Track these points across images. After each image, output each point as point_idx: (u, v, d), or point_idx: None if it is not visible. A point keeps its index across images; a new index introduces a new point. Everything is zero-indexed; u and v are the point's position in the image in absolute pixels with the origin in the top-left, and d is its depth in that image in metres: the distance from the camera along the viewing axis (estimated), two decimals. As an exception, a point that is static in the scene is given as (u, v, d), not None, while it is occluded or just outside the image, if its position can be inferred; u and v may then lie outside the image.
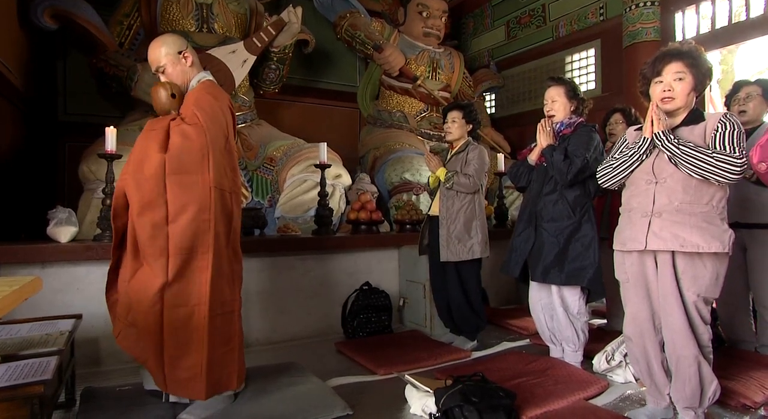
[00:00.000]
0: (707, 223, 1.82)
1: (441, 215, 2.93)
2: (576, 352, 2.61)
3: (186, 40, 2.14)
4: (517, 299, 4.30)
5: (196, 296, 1.87)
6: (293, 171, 4.02)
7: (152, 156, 1.85)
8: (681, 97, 1.87)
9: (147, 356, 1.90)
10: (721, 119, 1.85)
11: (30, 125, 3.87)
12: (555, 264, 2.49)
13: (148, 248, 1.84)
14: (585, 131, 2.52)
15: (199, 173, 1.89)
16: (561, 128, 2.58)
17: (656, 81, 1.93)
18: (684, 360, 1.86)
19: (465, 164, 2.95)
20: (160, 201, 1.84)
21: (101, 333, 2.69)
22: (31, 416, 1.43)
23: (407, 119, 5.37)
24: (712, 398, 1.91)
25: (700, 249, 1.80)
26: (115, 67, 4.02)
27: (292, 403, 2.10)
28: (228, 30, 4.47)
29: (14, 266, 2.53)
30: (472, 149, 2.99)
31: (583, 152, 2.42)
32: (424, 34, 5.51)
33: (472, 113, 3.04)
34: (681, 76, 1.87)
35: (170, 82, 2.06)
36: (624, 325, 2.10)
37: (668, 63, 1.89)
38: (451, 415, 1.90)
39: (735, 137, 1.81)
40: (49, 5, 3.79)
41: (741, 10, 3.82)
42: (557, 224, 2.50)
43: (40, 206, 3.20)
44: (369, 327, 3.32)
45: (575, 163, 2.41)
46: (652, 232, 1.87)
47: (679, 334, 1.86)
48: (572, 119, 2.58)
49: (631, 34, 4.24)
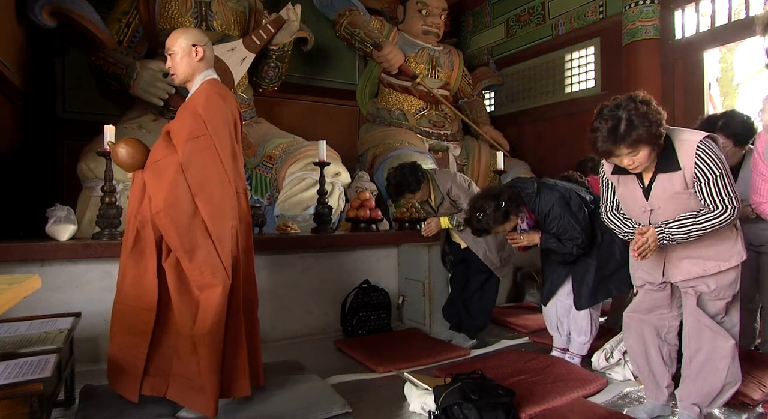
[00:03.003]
0: (720, 240, 1.81)
1: (472, 247, 2.96)
2: (584, 345, 2.63)
3: (207, 39, 2.10)
4: (516, 298, 4.31)
5: (235, 297, 1.93)
6: (292, 169, 4.02)
7: (180, 197, 1.84)
8: (645, 162, 1.74)
9: (203, 368, 1.85)
10: (697, 165, 1.70)
11: (28, 123, 3.86)
12: (600, 282, 2.51)
13: (207, 275, 1.86)
14: (546, 211, 2.41)
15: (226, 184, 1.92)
16: (527, 228, 2.50)
17: (614, 158, 1.77)
18: (720, 350, 1.84)
19: (454, 204, 2.99)
20: (203, 242, 1.85)
21: (100, 331, 2.68)
22: (30, 414, 1.43)
23: (406, 117, 5.37)
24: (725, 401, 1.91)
25: (722, 268, 1.81)
26: (114, 65, 4.01)
27: (292, 401, 2.10)
28: (227, 28, 4.46)
29: (13, 264, 2.52)
30: (443, 187, 2.99)
31: (569, 229, 2.38)
32: (423, 32, 5.50)
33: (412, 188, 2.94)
34: (633, 155, 1.71)
35: (131, 139, 2.04)
36: (624, 313, 2.12)
37: (615, 148, 1.71)
38: (450, 413, 1.90)
39: (719, 185, 1.69)
40: (48, 2, 3.77)
41: (740, 8, 3.81)
42: (586, 255, 2.51)
43: (38, 204, 3.20)
44: (368, 325, 3.32)
45: (575, 243, 2.38)
46: (672, 264, 1.88)
47: (712, 330, 1.85)
48: (523, 219, 2.47)
49: (630, 32, 4.23)
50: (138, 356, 1.88)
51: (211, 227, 1.86)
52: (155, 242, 1.88)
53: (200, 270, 1.85)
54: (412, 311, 3.55)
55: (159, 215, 1.83)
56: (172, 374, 1.91)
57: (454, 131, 5.53)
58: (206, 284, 1.85)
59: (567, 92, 5.15)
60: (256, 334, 2.10)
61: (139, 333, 1.88)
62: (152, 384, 1.91)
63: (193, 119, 1.92)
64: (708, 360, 1.87)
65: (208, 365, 1.83)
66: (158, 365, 1.91)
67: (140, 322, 1.88)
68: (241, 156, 2.11)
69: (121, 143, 2.00)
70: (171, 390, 1.91)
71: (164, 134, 1.96)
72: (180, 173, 1.85)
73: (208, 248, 1.85)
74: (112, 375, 1.93)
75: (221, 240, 1.88)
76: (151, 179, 1.90)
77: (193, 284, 1.87)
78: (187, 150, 1.87)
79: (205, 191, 1.87)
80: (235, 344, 1.94)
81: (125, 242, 1.94)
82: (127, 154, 1.98)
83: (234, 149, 2.01)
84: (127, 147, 1.98)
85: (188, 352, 1.86)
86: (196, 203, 1.86)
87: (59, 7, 3.84)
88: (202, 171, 1.88)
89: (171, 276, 1.87)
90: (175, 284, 1.87)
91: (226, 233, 1.90)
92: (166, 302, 1.89)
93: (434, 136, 5.36)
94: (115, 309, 1.94)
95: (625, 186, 1.91)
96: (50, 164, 4.34)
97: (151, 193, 1.87)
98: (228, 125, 1.98)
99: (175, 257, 1.87)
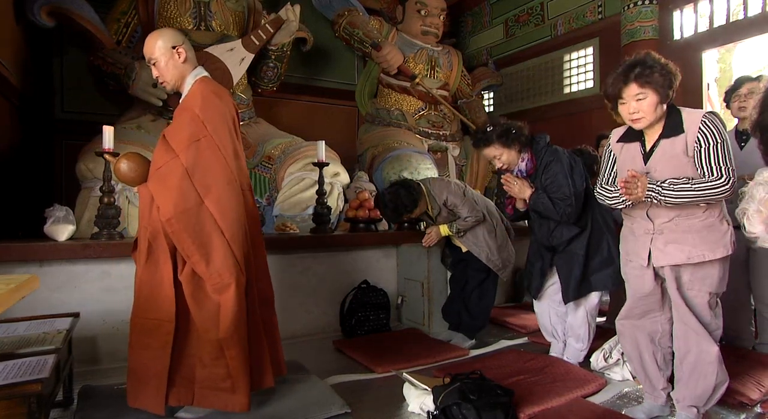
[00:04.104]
0: (708, 230, 1.82)
1: (474, 252, 2.97)
2: (581, 352, 2.63)
3: (184, 37, 2.09)
4: (515, 298, 4.31)
5: (251, 292, 1.98)
6: (291, 169, 4.01)
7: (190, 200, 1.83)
8: (649, 114, 1.82)
9: (233, 369, 1.86)
10: (700, 129, 1.77)
11: (27, 123, 3.85)
12: (585, 278, 2.51)
13: (226, 276, 1.85)
14: (549, 161, 2.43)
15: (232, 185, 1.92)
16: (524, 174, 2.51)
17: (620, 102, 1.88)
18: (706, 355, 1.85)
19: (452, 212, 2.98)
20: (218, 242, 1.85)
21: (99, 331, 2.68)
22: (28, 414, 1.43)
23: (405, 117, 5.37)
24: (718, 398, 1.92)
25: (706, 258, 1.81)
26: (113, 65, 4.01)
27: (290, 401, 2.10)
28: (226, 28, 4.45)
29: (11, 265, 2.52)
30: (439, 198, 2.96)
31: (565, 190, 2.37)
32: (422, 33, 5.50)
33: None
34: (641, 97, 1.81)
35: (131, 153, 2.03)
36: (617, 319, 2.12)
37: (624, 86, 1.83)
38: (449, 413, 1.90)
39: (718, 153, 1.74)
40: (47, 2, 3.76)
41: (739, 9, 3.82)
42: (574, 244, 2.51)
43: (37, 204, 3.19)
44: (367, 325, 3.32)
45: (564, 209, 2.37)
46: (657, 249, 1.88)
47: (697, 334, 1.86)
48: (525, 159, 2.49)
49: (629, 33, 4.24)
50: (161, 368, 1.85)
51: (224, 227, 1.86)
52: (169, 252, 1.86)
53: (219, 273, 1.83)
54: (411, 312, 3.55)
55: (171, 221, 1.80)
56: (196, 382, 1.89)
57: (453, 131, 5.53)
58: (225, 284, 1.84)
59: (566, 93, 5.14)
60: (275, 326, 2.14)
61: (160, 345, 1.85)
62: (178, 394, 1.89)
63: (192, 121, 1.90)
64: (697, 364, 1.88)
65: (238, 365, 1.85)
66: (182, 375, 1.89)
67: (161, 334, 1.85)
68: (242, 152, 2.11)
69: (121, 159, 1.98)
70: (198, 398, 1.90)
71: (162, 139, 1.93)
72: (185, 177, 1.83)
73: (224, 248, 1.85)
74: (134, 391, 1.88)
75: (235, 239, 1.88)
76: (156, 187, 1.87)
77: (212, 289, 1.85)
78: (190, 154, 1.85)
79: (214, 192, 1.86)
80: (256, 338, 1.96)
81: (139, 256, 1.91)
82: (128, 168, 1.95)
83: (235, 146, 2.01)
84: (128, 162, 1.96)
85: (213, 358, 1.86)
86: (207, 205, 1.85)
87: (58, 7, 3.84)
88: (208, 172, 1.87)
89: (188, 288, 1.85)
90: (192, 295, 1.85)
91: (239, 231, 1.91)
92: (184, 311, 1.87)
93: (433, 136, 5.35)
94: (133, 323, 1.90)
95: (627, 153, 1.94)
96: (49, 164, 4.33)
97: (159, 201, 1.84)
98: (227, 123, 1.97)
99: (191, 269, 1.85)
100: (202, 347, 1.87)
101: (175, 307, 1.85)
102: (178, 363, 1.88)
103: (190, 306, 1.85)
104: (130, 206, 3.39)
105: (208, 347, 1.86)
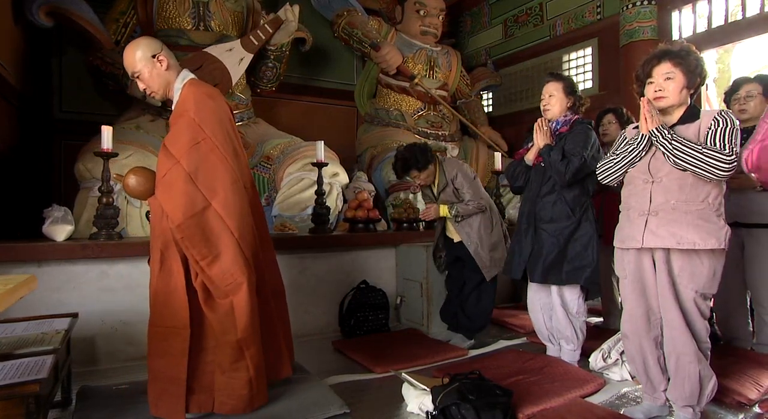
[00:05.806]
0: (703, 220, 1.83)
1: (465, 241, 2.97)
2: (574, 351, 2.62)
3: (161, 44, 2.06)
4: (514, 298, 4.31)
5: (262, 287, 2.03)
6: (290, 169, 4.01)
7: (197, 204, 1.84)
8: (673, 95, 1.90)
9: (252, 366, 1.88)
10: (716, 117, 1.86)
11: (25, 123, 3.85)
12: (555, 265, 2.50)
13: (237, 275, 1.87)
14: (582, 129, 2.51)
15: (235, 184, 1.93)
16: (557, 127, 2.57)
17: (648, 82, 1.97)
18: (684, 356, 1.88)
19: (456, 192, 2.99)
20: (229, 242, 1.86)
21: (97, 331, 2.68)
22: (26, 415, 1.43)
23: (404, 118, 5.37)
24: (710, 395, 1.93)
25: (696, 246, 1.82)
26: (112, 65, 4.00)
27: (290, 401, 2.10)
28: (225, 28, 4.45)
29: (10, 265, 2.52)
30: (449, 173, 3.00)
31: (581, 150, 2.42)
32: (421, 33, 5.50)
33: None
34: (670, 76, 1.90)
35: (139, 168, 2.02)
36: (621, 322, 2.12)
37: (657, 64, 1.94)
38: (448, 413, 1.90)
39: (728, 134, 1.82)
40: (45, 2, 3.76)
41: (737, 10, 3.82)
42: (557, 225, 2.50)
43: (35, 205, 3.19)
44: (366, 326, 3.32)
45: (573, 162, 2.40)
46: (649, 230, 1.89)
47: (679, 331, 1.88)
48: (568, 117, 2.58)
49: (628, 33, 4.24)
50: (180, 375, 1.85)
51: (232, 226, 1.87)
52: (181, 261, 1.86)
53: (231, 273, 1.85)
54: (410, 312, 3.55)
55: (180, 227, 1.81)
56: (216, 389, 1.90)
57: (452, 131, 5.53)
58: (237, 284, 1.85)
59: (565, 93, 5.15)
60: (286, 319, 2.24)
61: (177, 352, 1.85)
62: (198, 401, 1.89)
63: (189, 125, 1.90)
64: (679, 365, 1.90)
65: (258, 363, 1.90)
66: (201, 382, 1.90)
67: (178, 341, 1.86)
68: (242, 150, 2.11)
69: (129, 174, 1.98)
70: (218, 405, 1.90)
71: (163, 148, 1.93)
72: (189, 181, 1.83)
73: (234, 248, 1.86)
74: (155, 400, 1.88)
75: (244, 237, 1.90)
76: (163, 195, 1.88)
77: (224, 291, 1.85)
78: (191, 158, 1.86)
79: (220, 194, 1.87)
80: (272, 331, 2.01)
81: (153, 266, 1.92)
82: (137, 183, 1.96)
83: (234, 145, 2.01)
84: (136, 176, 1.97)
85: (233, 361, 1.87)
86: (214, 207, 1.85)
87: (57, 7, 3.83)
88: (212, 174, 1.88)
89: (202, 295, 1.87)
90: (206, 302, 1.86)
91: (247, 229, 1.92)
92: (199, 318, 1.88)
93: (432, 136, 5.35)
94: (150, 332, 1.90)
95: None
96: (47, 164, 4.32)
97: (167, 209, 1.84)
98: (223, 123, 1.98)
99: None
100: (221, 351, 1.88)
101: (190, 314, 1.86)
102: (197, 370, 1.89)
103: (206, 312, 1.87)
104: (128, 206, 3.38)
105: (227, 350, 1.87)
